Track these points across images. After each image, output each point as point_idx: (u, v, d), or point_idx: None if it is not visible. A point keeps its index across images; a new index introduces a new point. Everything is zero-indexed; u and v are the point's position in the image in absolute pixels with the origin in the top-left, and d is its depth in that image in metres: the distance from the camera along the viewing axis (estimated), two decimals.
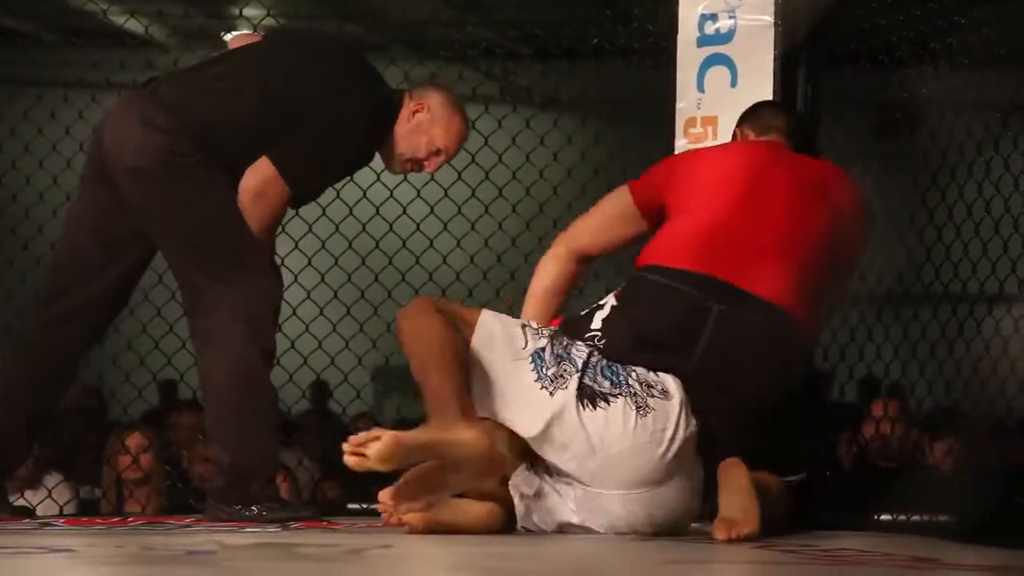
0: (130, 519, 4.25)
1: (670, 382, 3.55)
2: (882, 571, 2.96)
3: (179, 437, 5.32)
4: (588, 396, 3.51)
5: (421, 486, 3.50)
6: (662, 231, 3.73)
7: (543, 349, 3.54)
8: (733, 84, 4.37)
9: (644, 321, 3.60)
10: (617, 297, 3.67)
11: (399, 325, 3.58)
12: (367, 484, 4.75)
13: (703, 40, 4.42)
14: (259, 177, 3.91)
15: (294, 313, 5.21)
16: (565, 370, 3.52)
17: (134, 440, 5.13)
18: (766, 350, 3.60)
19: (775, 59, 4.33)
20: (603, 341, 3.59)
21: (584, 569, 2.96)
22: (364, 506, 4.51)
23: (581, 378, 3.51)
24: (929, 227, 4.83)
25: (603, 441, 3.48)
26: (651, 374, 3.55)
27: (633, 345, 3.57)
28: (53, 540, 3.41)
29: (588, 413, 3.48)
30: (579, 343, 3.58)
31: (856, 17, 4.56)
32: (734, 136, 4.05)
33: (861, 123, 5.14)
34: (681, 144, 4.42)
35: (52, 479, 5.08)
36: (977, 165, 4.70)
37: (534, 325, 3.63)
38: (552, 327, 3.70)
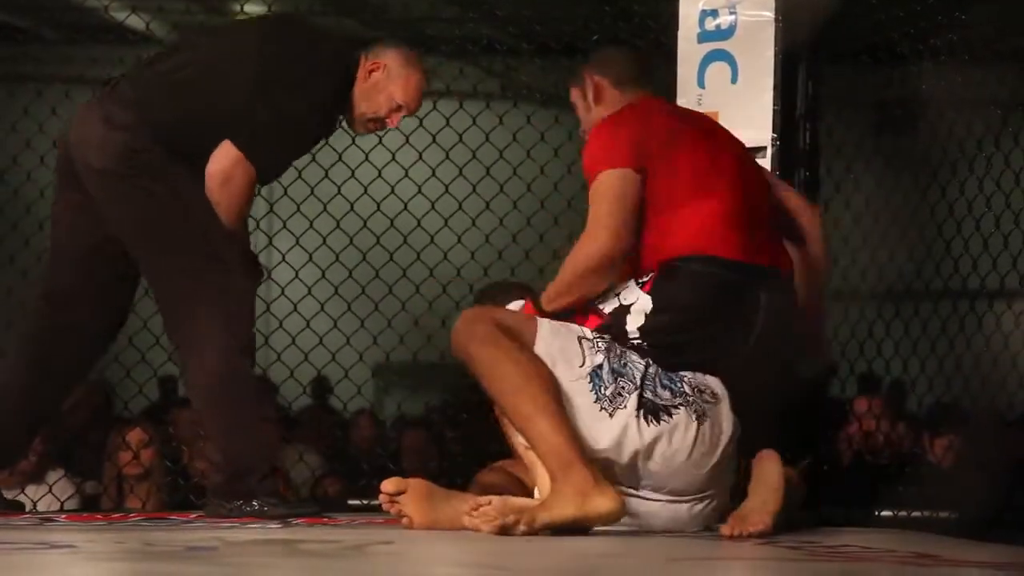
0: (131, 515, 4.25)
1: (715, 384, 3.52)
2: (885, 567, 2.96)
3: (180, 433, 5.32)
4: (650, 411, 3.44)
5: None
6: (676, 217, 3.57)
7: (600, 366, 3.45)
8: (734, 80, 4.37)
9: (692, 317, 3.52)
10: (651, 292, 3.54)
11: (465, 350, 3.45)
12: (368, 480, 4.77)
13: (704, 36, 4.42)
14: (223, 162, 3.87)
15: (295, 309, 5.21)
16: (623, 387, 3.44)
17: (135, 436, 5.13)
18: (793, 329, 3.60)
19: (775, 55, 4.32)
20: (651, 346, 3.50)
21: (590, 566, 2.96)
22: (365, 502, 4.50)
23: (641, 393, 3.44)
24: (930, 223, 4.83)
25: (664, 454, 3.44)
26: (699, 376, 3.51)
27: (683, 344, 3.51)
28: (54, 536, 3.41)
29: (652, 429, 3.44)
30: (634, 354, 3.49)
31: (857, 14, 4.55)
32: (606, 94, 3.84)
33: (862, 120, 5.14)
34: None
35: (54, 474, 5.08)
36: (978, 161, 4.70)
37: (590, 336, 3.50)
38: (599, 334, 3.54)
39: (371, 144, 5.29)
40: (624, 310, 3.55)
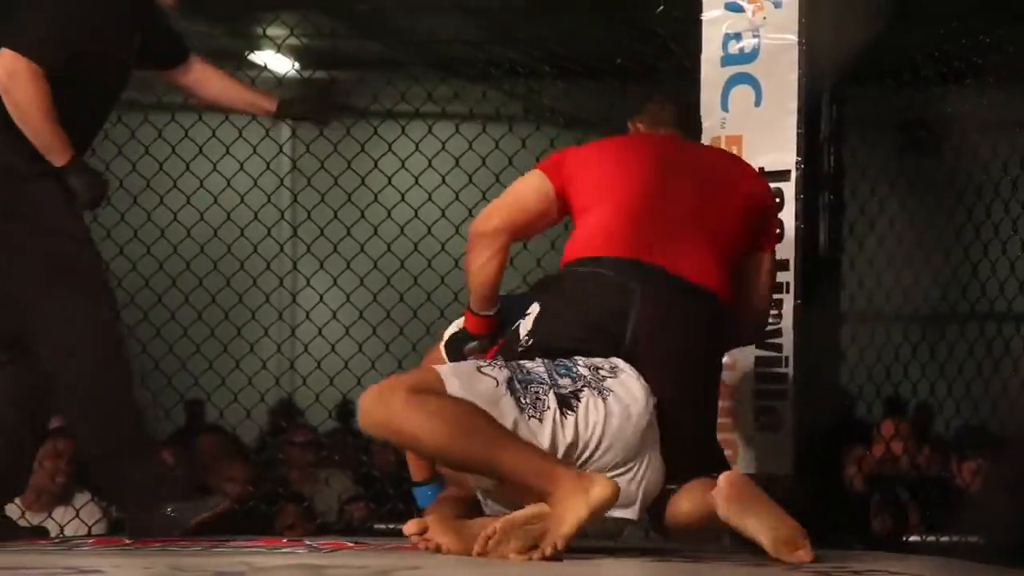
0: (158, 540, 4.25)
1: (619, 361, 3.53)
2: None
3: (207, 457, 5.34)
4: (562, 403, 3.46)
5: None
6: (577, 229, 3.68)
7: (511, 380, 3.45)
8: (757, 103, 4.37)
9: (572, 310, 3.58)
10: (537, 297, 3.65)
11: (388, 428, 3.39)
12: (394, 504, 4.78)
13: (727, 59, 4.43)
14: (1, 68, 3.77)
15: (319, 333, 5.23)
16: (538, 391, 3.45)
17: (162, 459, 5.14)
18: (692, 327, 3.57)
19: (799, 78, 4.33)
20: (538, 343, 3.54)
21: None
22: (391, 527, 4.50)
23: (556, 390, 3.47)
24: (956, 246, 4.82)
25: (584, 438, 3.45)
26: (594, 358, 3.53)
27: (567, 336, 3.55)
28: (81, 561, 3.41)
29: (569, 420, 3.45)
30: (527, 361, 3.52)
31: (881, 36, 4.56)
32: (627, 131, 3.98)
33: (886, 142, 5.14)
34: None
35: (81, 498, 5.10)
36: (1003, 183, 4.69)
37: (485, 362, 3.53)
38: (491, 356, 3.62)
39: (394, 167, 5.31)
40: (520, 323, 3.66)
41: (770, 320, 4.05)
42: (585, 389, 3.47)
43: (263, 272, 5.35)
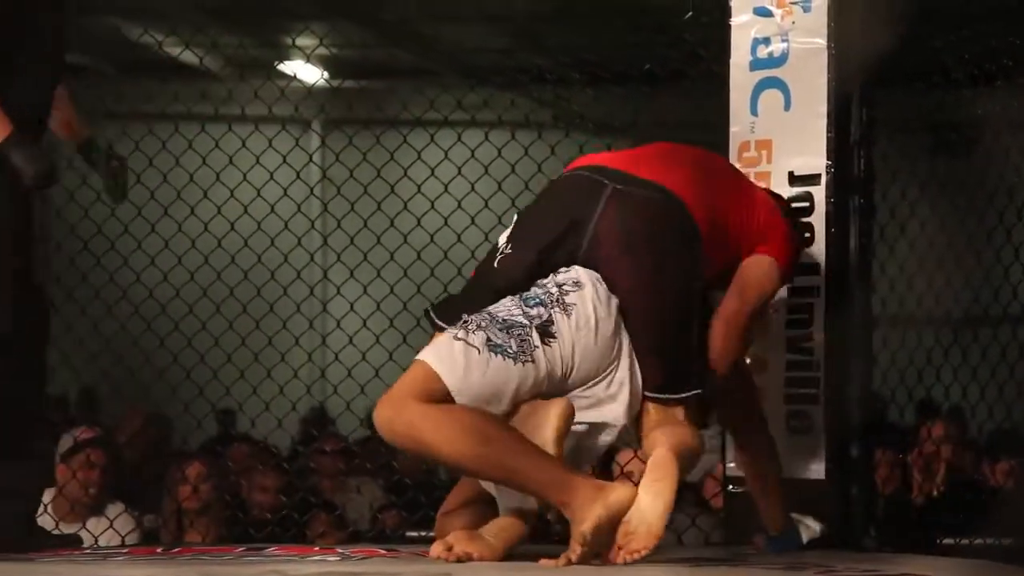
0: (191, 549, 4.26)
1: (579, 272, 3.54)
2: None
3: (239, 466, 5.35)
4: (544, 335, 3.47)
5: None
6: None
7: (489, 340, 3.45)
8: (787, 107, 4.36)
9: (542, 215, 3.62)
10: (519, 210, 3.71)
11: (416, 441, 3.41)
12: (425, 512, 4.78)
13: (756, 64, 4.41)
14: None
15: (350, 341, 5.23)
16: (520, 333, 3.46)
17: (194, 470, 5.17)
18: (659, 228, 3.57)
19: (829, 82, 4.31)
20: (511, 246, 3.58)
21: None
22: (423, 534, 4.51)
23: (535, 324, 3.48)
24: (987, 248, 4.80)
25: (567, 359, 3.48)
26: (561, 272, 3.55)
27: (535, 243, 3.57)
28: (115, 571, 3.43)
29: (554, 347, 3.46)
30: (495, 307, 3.51)
31: (910, 39, 4.54)
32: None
33: (916, 145, 5.11)
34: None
35: (114, 508, 5.12)
36: None
37: (456, 328, 3.49)
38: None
39: (423, 175, 5.31)
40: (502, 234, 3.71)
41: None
42: (556, 312, 3.50)
43: (293, 281, 5.36)
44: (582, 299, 3.51)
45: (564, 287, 3.53)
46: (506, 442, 3.38)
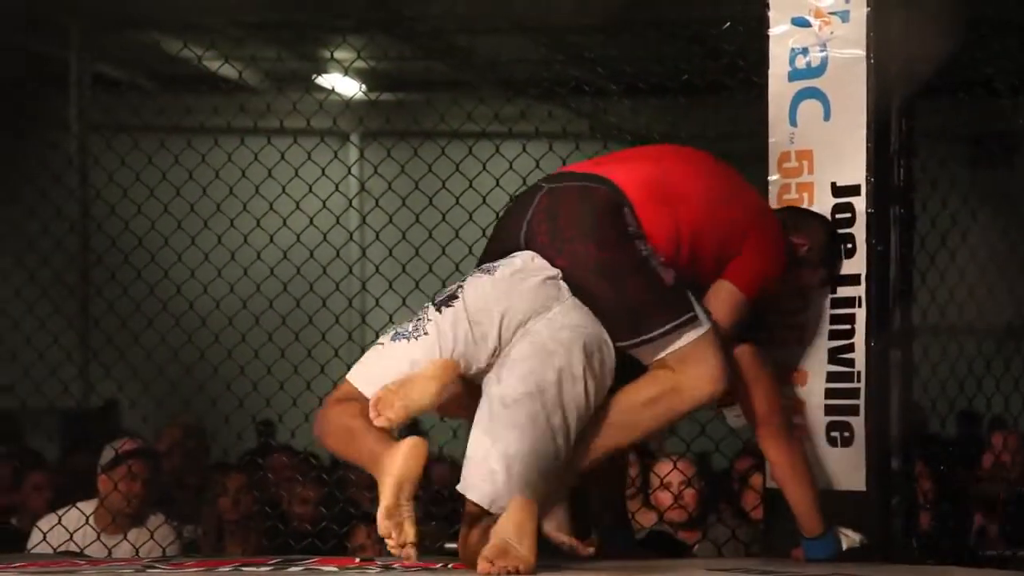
0: (231, 560, 4.26)
1: (516, 253, 3.74)
2: None
3: (278, 478, 5.36)
4: (441, 304, 3.68)
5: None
6: None
7: (396, 332, 3.69)
8: (826, 118, 4.34)
9: (491, 238, 3.89)
10: None
11: (319, 437, 3.68)
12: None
13: (794, 74, 4.40)
14: None
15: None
16: (418, 316, 3.70)
17: (234, 481, 5.18)
18: (582, 205, 3.75)
19: (868, 92, 4.30)
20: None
21: None
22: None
23: (433, 302, 3.70)
24: None
25: (477, 310, 3.63)
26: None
27: (493, 251, 3.82)
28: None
29: (452, 308, 3.64)
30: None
31: (950, 49, 4.52)
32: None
33: (957, 155, 5.09)
34: (774, 179, 4.40)
35: (155, 519, 5.13)
36: None
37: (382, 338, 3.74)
38: None
39: (462, 187, 5.31)
40: None
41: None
42: (469, 278, 3.71)
43: (332, 293, 5.38)
44: (510, 260, 3.72)
45: (496, 262, 3.74)
46: (347, 432, 3.61)
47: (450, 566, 3.71)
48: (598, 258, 3.71)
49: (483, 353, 3.64)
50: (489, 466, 3.54)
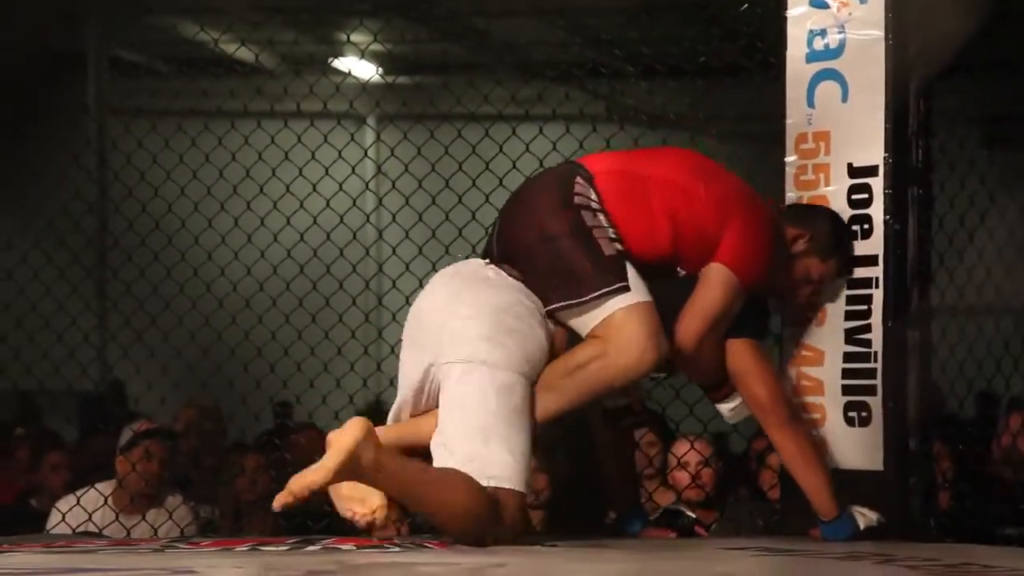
0: (249, 540, 4.28)
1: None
2: None
3: (296, 458, 5.36)
4: None
5: None
6: None
7: None
8: (844, 99, 4.34)
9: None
10: None
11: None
12: None
13: (812, 56, 4.40)
14: None
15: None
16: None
17: (251, 462, 5.19)
18: (536, 181, 3.97)
19: (886, 73, 4.29)
20: None
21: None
22: None
23: None
24: None
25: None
26: None
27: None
28: (175, 562, 3.44)
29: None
30: None
31: (968, 30, 4.51)
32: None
33: (975, 135, 5.08)
34: (791, 160, 4.40)
35: (173, 500, 5.15)
36: None
37: None
38: None
39: (478, 169, 5.31)
40: None
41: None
42: None
43: (349, 275, 5.38)
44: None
45: None
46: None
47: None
48: (539, 221, 3.84)
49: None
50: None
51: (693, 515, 4.24)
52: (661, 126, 5.46)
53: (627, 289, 3.79)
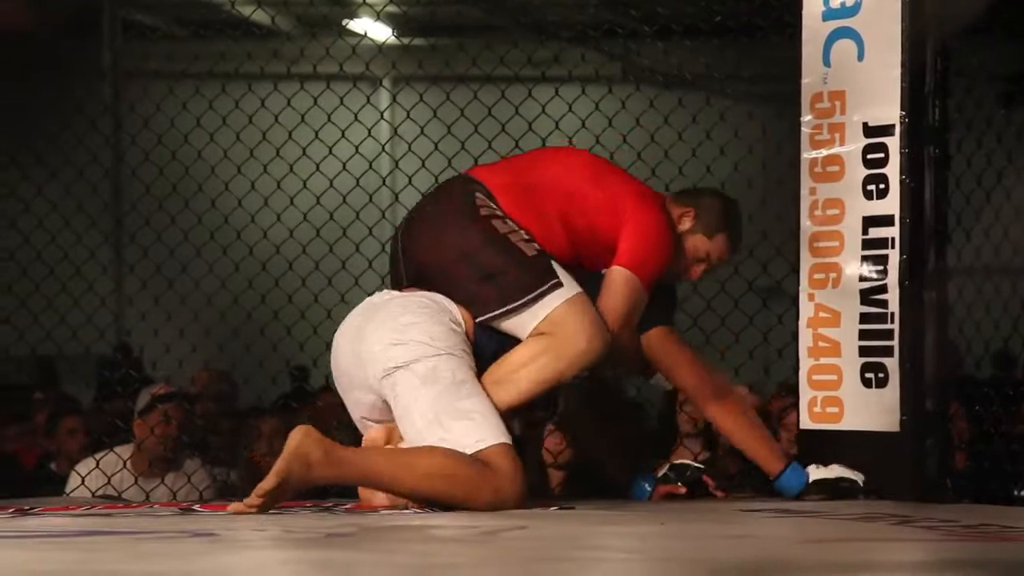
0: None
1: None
2: None
3: (328, 415, 5.38)
4: None
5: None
6: None
7: None
8: (860, 58, 4.32)
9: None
10: None
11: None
12: None
13: (828, 14, 4.38)
14: None
15: None
16: None
17: (268, 425, 5.21)
18: (433, 195, 4.08)
19: (903, 31, 4.27)
20: None
21: (759, 551, 2.96)
22: None
23: None
24: None
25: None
26: None
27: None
28: (195, 524, 3.46)
29: None
30: None
31: None
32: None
33: (992, 94, 5.05)
34: (807, 120, 4.39)
35: (192, 464, 5.18)
36: None
37: None
38: None
39: (494, 131, 5.30)
40: None
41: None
42: None
43: (365, 238, 5.38)
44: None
45: None
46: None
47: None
48: (451, 240, 3.92)
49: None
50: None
51: (700, 466, 4.27)
52: (677, 86, 5.44)
53: (560, 284, 3.88)
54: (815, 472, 4.12)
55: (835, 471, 4.11)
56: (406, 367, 3.79)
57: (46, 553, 2.87)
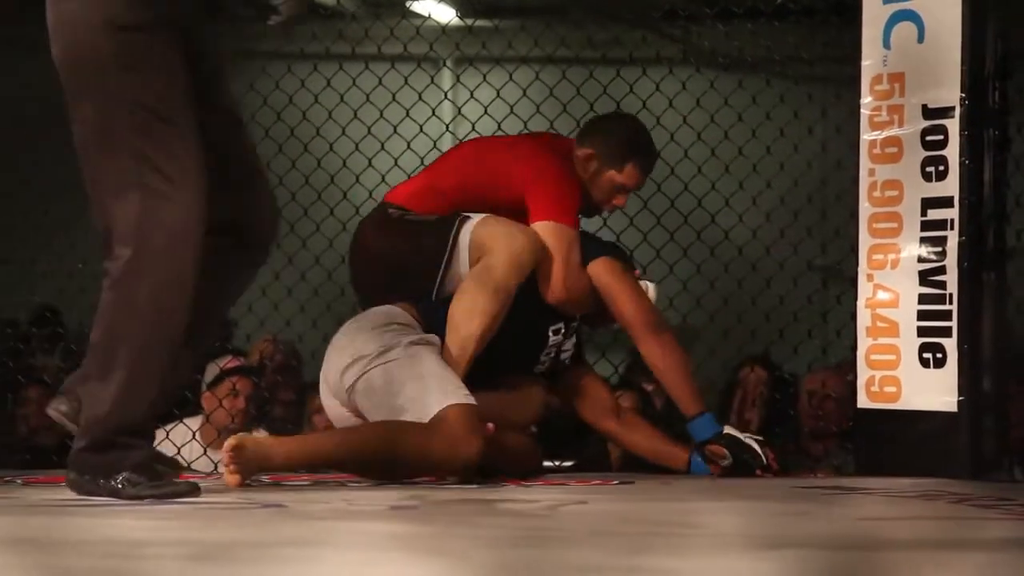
0: (335, 476, 4.36)
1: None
2: None
3: None
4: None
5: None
6: None
7: None
8: (920, 40, 4.34)
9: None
10: None
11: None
12: (558, 442, 4.86)
13: None
14: None
15: None
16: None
17: None
18: (367, 227, 4.33)
19: (963, 13, 4.28)
20: None
21: (769, 523, 3.00)
22: (558, 463, 4.61)
23: None
24: None
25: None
26: None
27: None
28: (262, 495, 3.53)
29: None
30: None
31: None
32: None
33: None
34: (866, 102, 4.41)
35: (259, 435, 5.25)
36: None
37: None
38: None
39: (555, 111, 5.34)
40: None
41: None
42: None
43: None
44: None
45: None
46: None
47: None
48: (373, 253, 4.27)
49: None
50: None
51: (755, 439, 4.29)
52: (737, 68, 5.46)
53: (468, 218, 4.15)
54: (729, 429, 4.23)
55: (748, 438, 4.20)
56: (359, 361, 4.00)
57: (117, 520, 2.93)
